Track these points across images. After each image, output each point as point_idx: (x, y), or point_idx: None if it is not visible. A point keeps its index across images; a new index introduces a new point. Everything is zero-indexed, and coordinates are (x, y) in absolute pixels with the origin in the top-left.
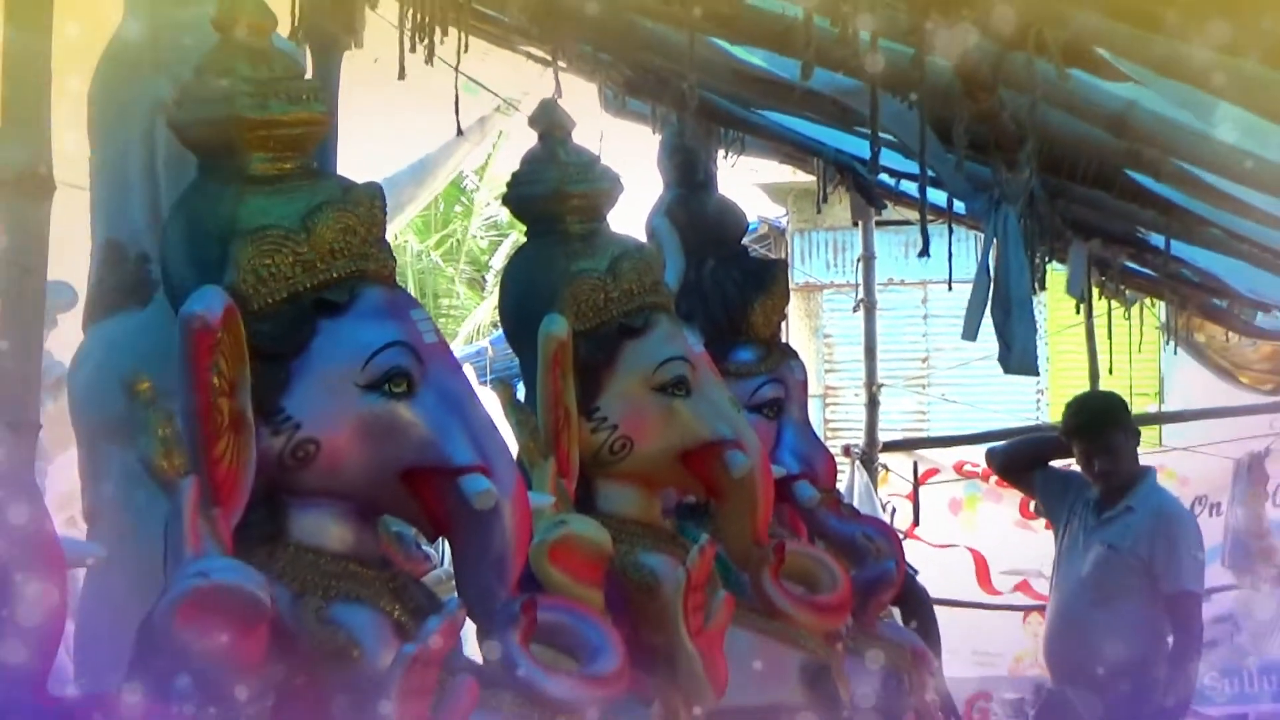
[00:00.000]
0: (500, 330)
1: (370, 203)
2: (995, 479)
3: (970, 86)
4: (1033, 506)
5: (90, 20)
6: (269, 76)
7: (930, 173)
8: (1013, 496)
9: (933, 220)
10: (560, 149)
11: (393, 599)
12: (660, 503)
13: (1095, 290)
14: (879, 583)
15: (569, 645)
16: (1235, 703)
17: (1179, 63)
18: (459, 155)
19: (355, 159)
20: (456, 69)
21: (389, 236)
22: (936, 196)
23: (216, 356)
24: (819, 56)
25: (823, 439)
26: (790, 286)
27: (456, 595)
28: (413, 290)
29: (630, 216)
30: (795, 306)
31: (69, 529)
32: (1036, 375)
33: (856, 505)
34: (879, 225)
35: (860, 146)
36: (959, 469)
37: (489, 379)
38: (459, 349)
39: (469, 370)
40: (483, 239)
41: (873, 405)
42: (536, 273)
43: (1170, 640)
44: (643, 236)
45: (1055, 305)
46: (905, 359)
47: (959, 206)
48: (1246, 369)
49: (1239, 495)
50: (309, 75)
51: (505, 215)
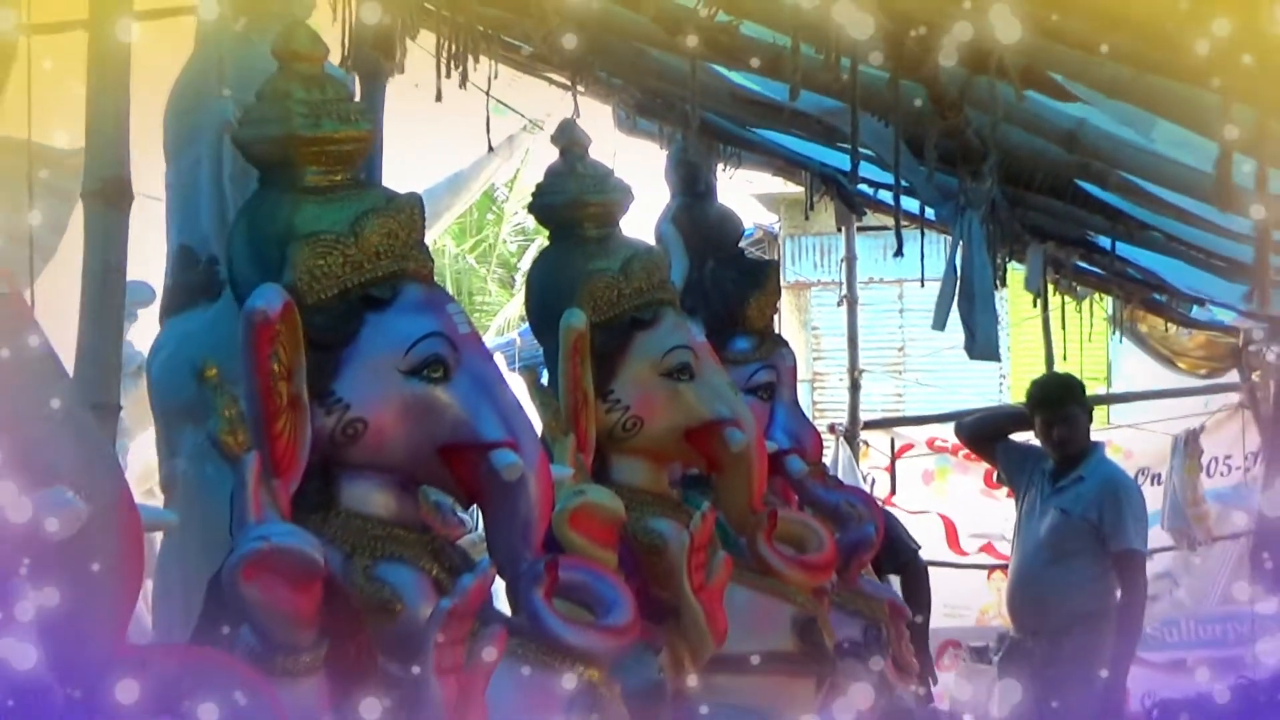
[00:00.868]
0: (527, 323)
1: (411, 210)
2: (964, 453)
3: (939, 107)
4: (996, 476)
5: (164, 50)
6: (321, 99)
7: (904, 183)
8: (978, 468)
9: (907, 225)
10: (579, 163)
11: (431, 559)
12: (667, 474)
13: (1050, 286)
14: (860, 544)
15: (587, 600)
16: (1175, 649)
17: (1122, 85)
18: (490, 169)
19: (397, 172)
20: (488, 93)
21: (428, 240)
22: (910, 204)
23: (276, 346)
24: (806, 81)
25: (810, 419)
26: (781, 284)
27: (487, 556)
28: (449, 288)
29: (640, 222)
30: (786, 302)
31: (147, 499)
32: (998, 361)
33: (840, 477)
34: (860, 230)
35: (842, 160)
36: (931, 444)
37: (517, 366)
38: (490, 340)
39: (499, 358)
40: (511, 243)
41: (854, 389)
42: (558, 272)
43: (1118, 593)
44: (651, 240)
45: (1015, 300)
46: (883, 348)
47: (930, 213)
48: (1183, 356)
49: (1177, 467)
50: (357, 98)
51: (531, 222)
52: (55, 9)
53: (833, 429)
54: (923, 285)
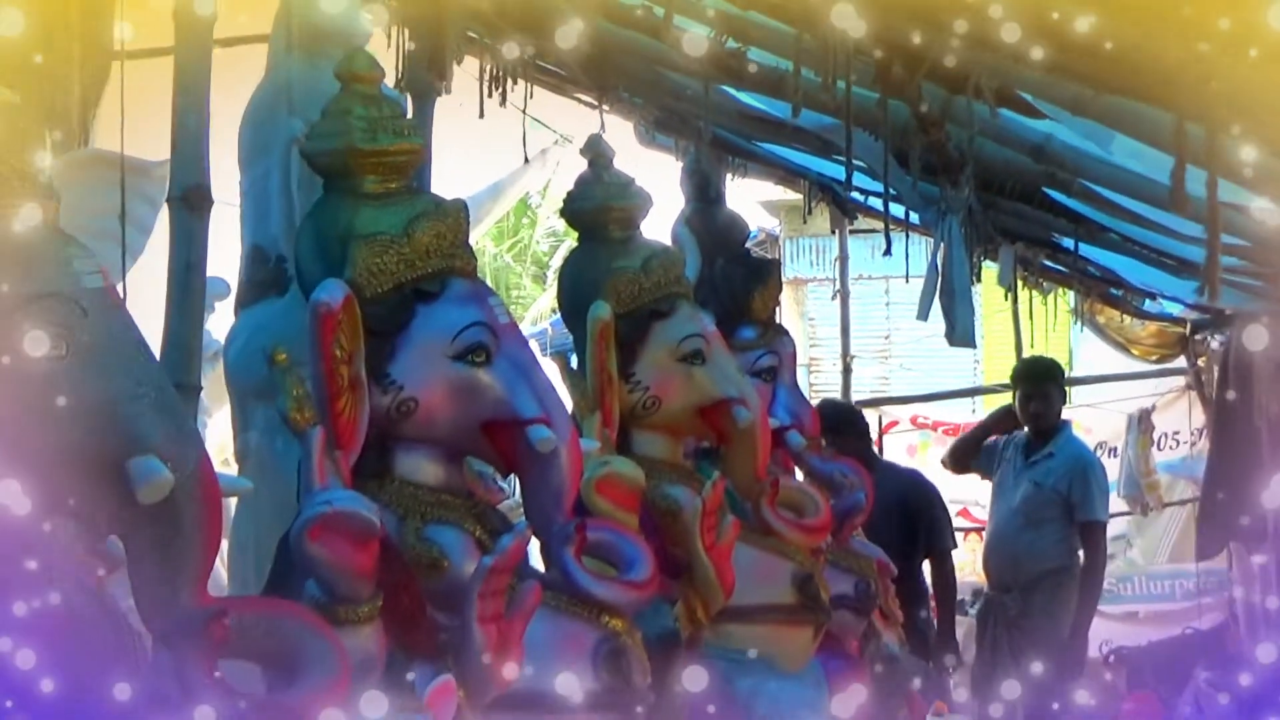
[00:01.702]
0: (558, 314)
1: (457, 214)
2: (943, 429)
3: (923, 124)
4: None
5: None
6: (378, 116)
7: (892, 191)
8: (954, 440)
9: (894, 228)
10: (604, 173)
11: (475, 522)
12: (682, 447)
13: (1019, 282)
14: (852, 509)
15: (611, 558)
16: (1128, 603)
17: (1084, 103)
18: (525, 179)
19: (444, 180)
20: (524, 111)
21: (471, 241)
22: (897, 209)
23: (338, 334)
24: (805, 101)
25: (808, 398)
26: (782, 280)
27: (524, 519)
28: (490, 283)
29: (658, 225)
30: (786, 296)
31: (224, 468)
32: (974, 348)
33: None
34: (851, 232)
35: (837, 170)
36: (914, 421)
37: (549, 352)
38: (526, 329)
39: (534, 345)
40: (544, 244)
41: (846, 372)
42: (586, 269)
43: (1080, 553)
44: (668, 240)
45: (988, 294)
46: (872, 336)
47: (914, 217)
48: (1137, 343)
49: (1131, 442)
50: (409, 115)
51: (562, 225)
52: (145, 37)
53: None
54: (907, 281)
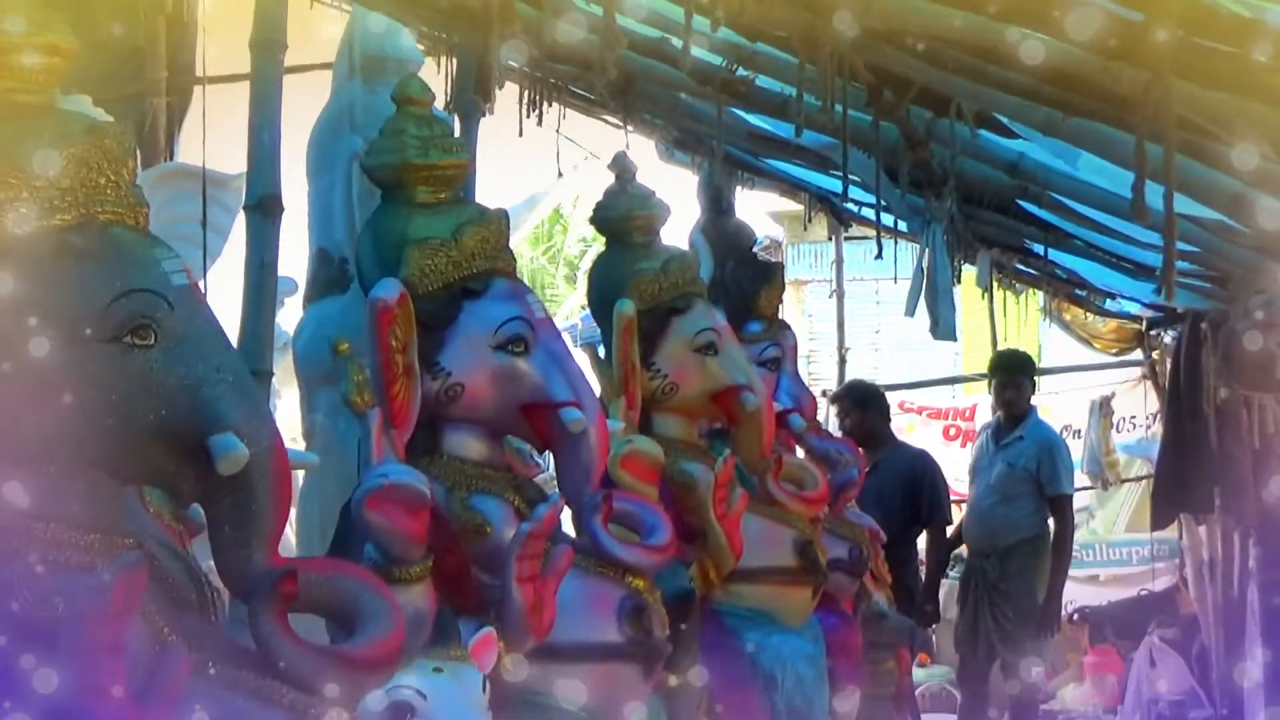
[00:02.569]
0: (587, 310)
1: (499, 221)
2: (927, 413)
3: (910, 143)
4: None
5: (307, 97)
6: (430, 134)
7: (883, 202)
8: (938, 425)
9: (884, 235)
10: (629, 185)
11: (514, 493)
12: (697, 428)
13: (995, 283)
14: (846, 483)
15: (634, 525)
16: (1090, 567)
17: (1054, 125)
18: (558, 191)
19: (488, 191)
20: (558, 131)
21: (511, 245)
22: (887, 219)
23: (394, 326)
24: (806, 122)
25: (807, 386)
26: (785, 281)
27: (557, 491)
28: (527, 282)
29: (676, 232)
30: (788, 295)
31: (293, 445)
32: (955, 341)
33: (831, 431)
34: (847, 239)
35: (834, 184)
36: (901, 406)
37: (580, 343)
38: (559, 323)
39: (566, 337)
40: (575, 248)
41: (841, 362)
42: (612, 271)
43: (1049, 523)
44: (685, 245)
45: (967, 293)
46: (864, 331)
47: (902, 226)
48: (1099, 338)
49: (1093, 425)
50: (457, 134)
51: (591, 232)
52: (224, 65)
53: (825, 394)
54: (895, 282)
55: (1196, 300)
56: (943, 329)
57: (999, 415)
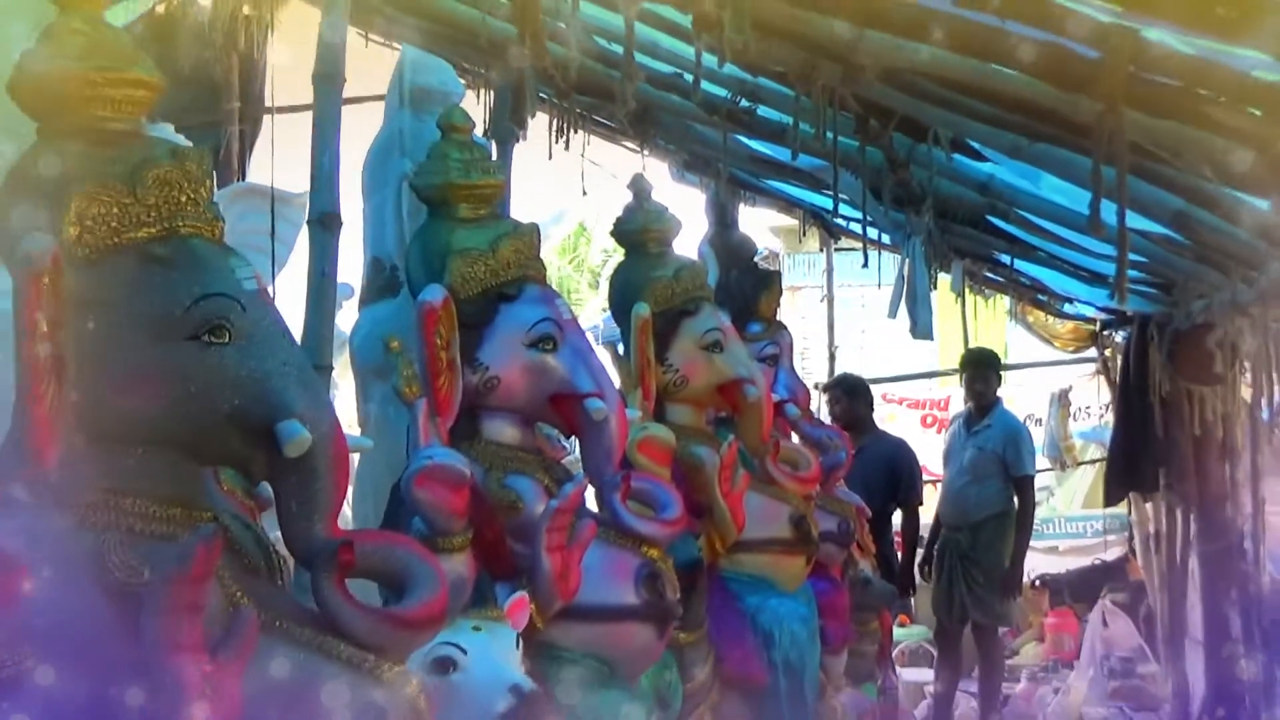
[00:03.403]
0: (608, 312)
1: (531, 235)
2: (907, 403)
3: (893, 165)
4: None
5: (363, 124)
6: (470, 158)
7: (869, 218)
8: (916, 413)
9: (870, 247)
10: (645, 203)
11: (544, 473)
12: (705, 416)
13: (966, 289)
14: (836, 465)
15: (650, 501)
16: (1050, 539)
17: (1020, 150)
18: (583, 207)
19: (521, 207)
20: (583, 154)
21: (541, 255)
22: (872, 232)
23: (439, 326)
24: (802, 148)
25: (801, 379)
26: (782, 287)
27: (582, 471)
28: (556, 288)
29: (687, 243)
30: (785, 299)
31: (350, 430)
32: (931, 340)
33: (822, 419)
34: (836, 250)
35: (826, 202)
36: (884, 398)
37: (602, 342)
38: (583, 324)
39: (590, 336)
40: (597, 258)
41: (832, 359)
42: (630, 277)
43: (1015, 500)
44: (695, 255)
45: (943, 298)
46: (852, 331)
47: (885, 238)
48: (1058, 337)
49: (1052, 414)
50: (494, 157)
51: (612, 243)
52: (289, 97)
53: (817, 386)
54: (879, 288)
55: (1145, 304)
56: (921, 329)
57: (970, 405)
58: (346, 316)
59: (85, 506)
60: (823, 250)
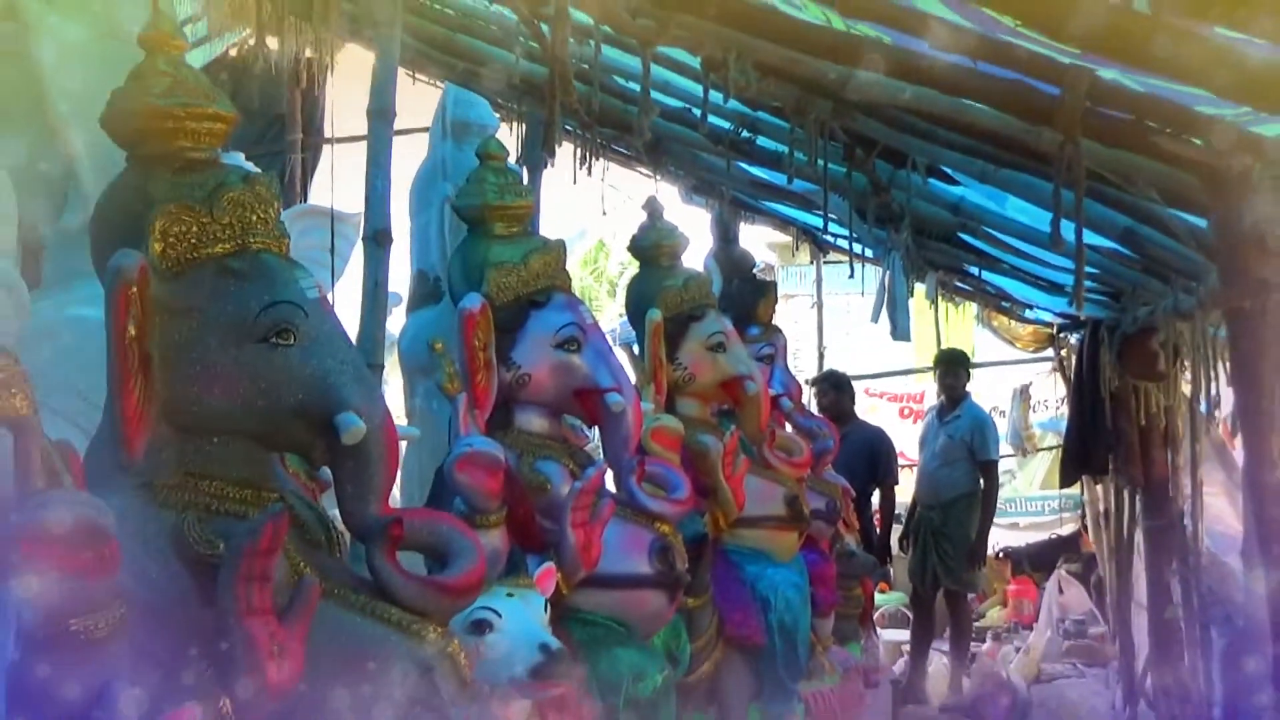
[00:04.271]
0: (625, 318)
1: (559, 249)
2: (888, 396)
3: (875, 189)
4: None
5: (410, 152)
6: (504, 182)
7: (854, 235)
8: (894, 406)
9: (855, 260)
10: (658, 221)
11: (569, 458)
12: (710, 409)
13: (939, 297)
14: (824, 452)
15: (661, 483)
16: (1012, 517)
17: (988, 175)
18: (603, 225)
19: (549, 225)
20: (603, 179)
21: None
22: (857, 247)
23: (477, 330)
24: (796, 173)
25: (794, 376)
26: (778, 295)
27: (602, 457)
28: (579, 296)
29: (694, 257)
30: (780, 306)
31: (399, 421)
32: (908, 341)
33: (812, 411)
34: (826, 263)
35: (816, 221)
36: (866, 392)
37: (619, 344)
38: (603, 327)
39: (609, 339)
40: (615, 270)
41: (820, 358)
42: (644, 287)
43: (981, 482)
44: (701, 268)
45: (919, 305)
46: (838, 333)
47: (869, 253)
48: (1020, 339)
49: (1014, 406)
50: (525, 181)
51: (628, 257)
52: (347, 129)
53: (808, 382)
54: (863, 295)
55: (1096, 310)
56: (899, 332)
57: (942, 398)
58: (396, 321)
59: (168, 488)
60: (813, 263)
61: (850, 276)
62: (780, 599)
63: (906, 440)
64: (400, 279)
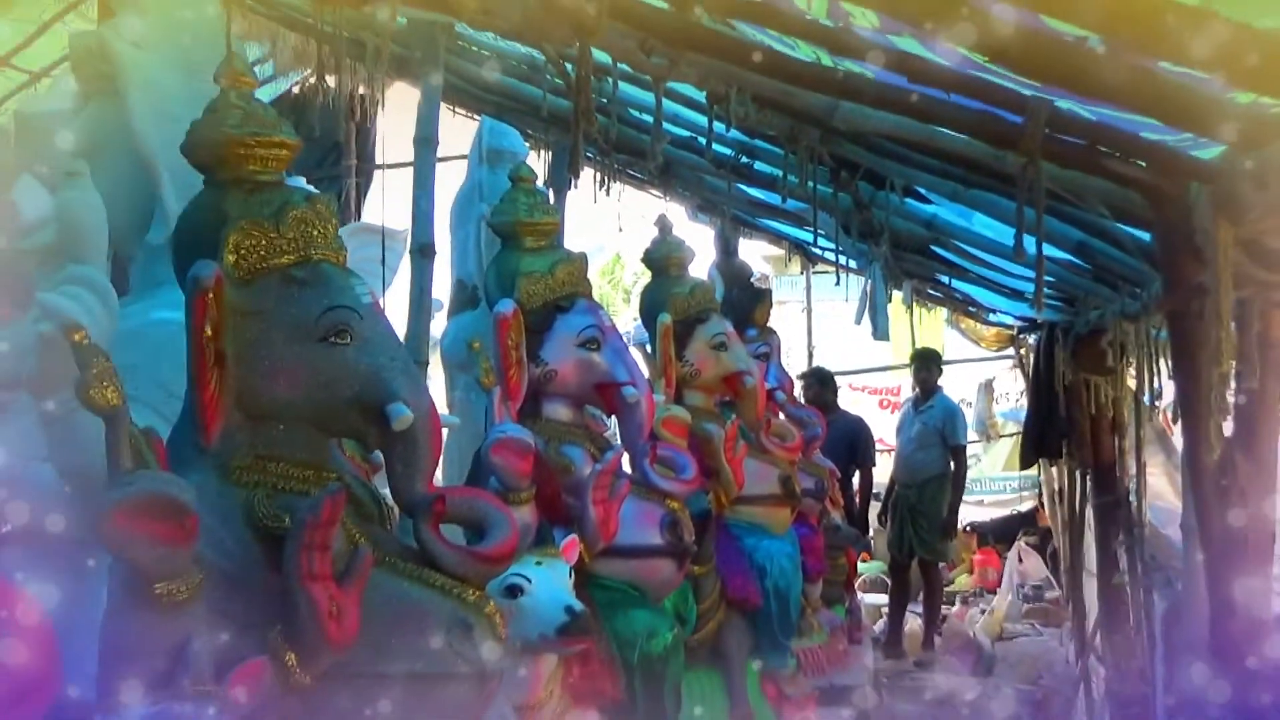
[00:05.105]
0: (638, 321)
1: (581, 260)
2: (869, 389)
3: (859, 207)
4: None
5: (451, 176)
6: (534, 202)
7: (839, 248)
8: (874, 398)
9: (840, 270)
10: (667, 236)
11: (590, 443)
12: (713, 401)
13: (914, 302)
14: (813, 438)
15: (671, 465)
16: (978, 495)
17: (958, 194)
18: (619, 240)
19: (573, 239)
20: (620, 199)
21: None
22: (842, 259)
23: (510, 331)
24: (789, 193)
25: (787, 372)
26: (773, 301)
27: (619, 442)
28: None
29: (700, 268)
30: (774, 311)
31: (441, 411)
32: (887, 341)
33: (802, 402)
34: (814, 273)
35: (806, 236)
36: (850, 386)
37: (634, 344)
38: (620, 329)
39: (625, 339)
40: (630, 279)
41: (810, 357)
42: (654, 295)
43: (951, 465)
44: (706, 276)
45: (896, 309)
46: (826, 335)
47: (853, 264)
48: (984, 339)
49: (980, 399)
50: (552, 201)
51: (641, 267)
52: (395, 155)
53: (798, 377)
54: (847, 301)
55: (1053, 314)
56: (879, 333)
57: (917, 391)
58: (438, 324)
59: (240, 468)
60: (803, 273)
61: (836, 284)
62: (775, 567)
63: (885, 428)
64: (442, 287)
